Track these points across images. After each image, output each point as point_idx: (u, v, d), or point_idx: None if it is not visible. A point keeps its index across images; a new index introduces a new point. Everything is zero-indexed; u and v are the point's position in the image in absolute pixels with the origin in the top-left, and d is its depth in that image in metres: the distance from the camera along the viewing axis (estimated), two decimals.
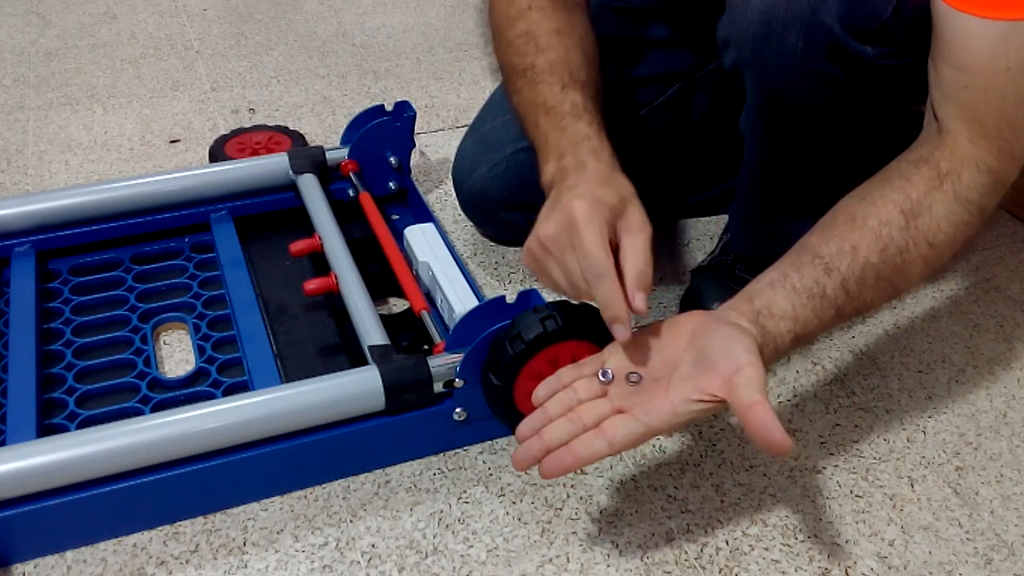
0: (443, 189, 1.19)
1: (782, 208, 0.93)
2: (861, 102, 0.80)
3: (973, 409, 0.91)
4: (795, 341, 0.67)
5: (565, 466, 0.64)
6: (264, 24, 1.65)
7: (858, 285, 0.68)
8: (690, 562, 0.75)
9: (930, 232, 0.68)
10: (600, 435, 0.64)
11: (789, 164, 0.88)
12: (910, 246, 0.68)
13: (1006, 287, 1.07)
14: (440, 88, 1.44)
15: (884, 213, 0.68)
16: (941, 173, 0.68)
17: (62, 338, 0.90)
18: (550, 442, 0.65)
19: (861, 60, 0.74)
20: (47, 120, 1.34)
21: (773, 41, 0.75)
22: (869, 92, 0.78)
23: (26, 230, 0.96)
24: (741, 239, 0.97)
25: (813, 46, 0.74)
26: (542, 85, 0.78)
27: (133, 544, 0.75)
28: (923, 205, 0.68)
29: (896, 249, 0.68)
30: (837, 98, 0.78)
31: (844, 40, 0.72)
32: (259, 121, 1.34)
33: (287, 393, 0.77)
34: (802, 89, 0.77)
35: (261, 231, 1.05)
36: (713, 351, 0.64)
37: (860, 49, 0.73)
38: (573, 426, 0.65)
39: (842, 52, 0.73)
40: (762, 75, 0.79)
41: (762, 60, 0.77)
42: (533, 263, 0.71)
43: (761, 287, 0.68)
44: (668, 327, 0.68)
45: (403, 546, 0.76)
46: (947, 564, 0.76)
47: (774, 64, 0.77)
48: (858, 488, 0.82)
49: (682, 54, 1.04)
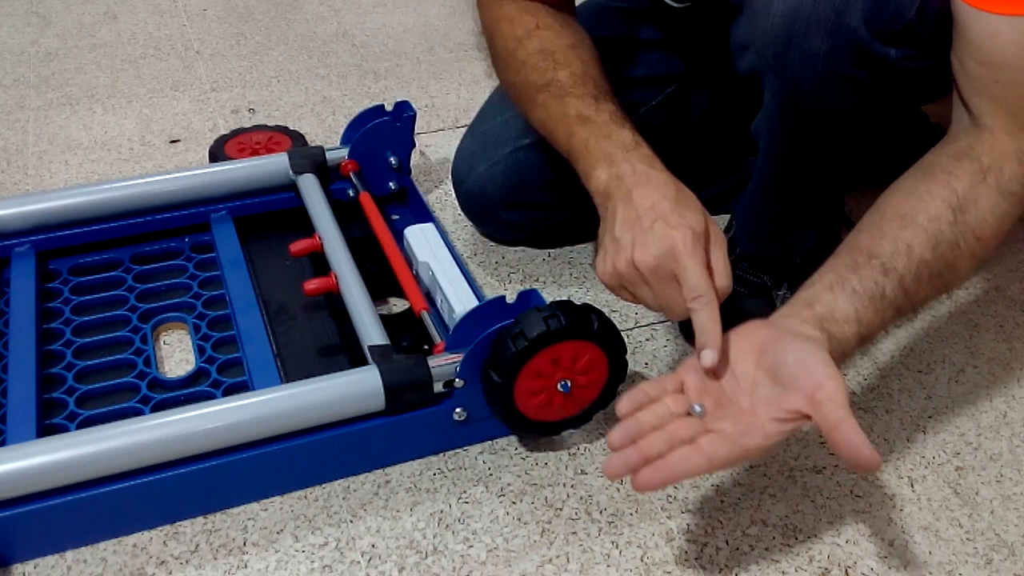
0: (443, 189, 1.19)
1: (794, 211, 0.93)
2: (879, 105, 0.80)
3: (973, 409, 0.91)
4: (860, 343, 0.67)
5: (663, 479, 0.62)
6: (264, 24, 1.65)
7: (915, 283, 0.68)
8: (690, 562, 0.75)
9: (977, 226, 0.68)
10: (698, 452, 0.63)
11: (805, 168, 0.88)
12: (959, 241, 0.68)
13: (1006, 287, 1.07)
14: (440, 88, 1.44)
15: (932, 208, 0.68)
16: (983, 167, 0.69)
17: (62, 338, 0.90)
18: (647, 453, 0.63)
19: (884, 63, 0.74)
20: (47, 120, 1.34)
21: (796, 43, 0.75)
22: (888, 95, 0.79)
23: (26, 230, 0.96)
24: (749, 240, 0.97)
25: (838, 48, 0.74)
26: (570, 98, 0.77)
27: (133, 544, 0.75)
28: (969, 200, 0.68)
29: (947, 245, 0.68)
30: (857, 101, 0.78)
31: (869, 42, 0.72)
32: (259, 121, 1.34)
33: (287, 393, 0.77)
34: (824, 92, 0.77)
35: (261, 231, 1.05)
36: (788, 366, 0.63)
37: (884, 51, 0.73)
38: (669, 439, 0.64)
39: (866, 54, 0.74)
40: (783, 78, 0.79)
41: (784, 63, 0.77)
42: (618, 284, 0.70)
43: (819, 291, 0.68)
44: (735, 341, 0.68)
45: (403, 546, 0.76)
46: (947, 564, 0.76)
47: (796, 67, 0.77)
48: (858, 488, 0.82)
49: (678, 55, 1.04)
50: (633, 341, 0.97)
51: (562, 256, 1.09)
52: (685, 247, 0.66)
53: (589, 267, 1.07)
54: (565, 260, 1.08)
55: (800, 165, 0.88)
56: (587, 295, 1.03)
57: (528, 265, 1.08)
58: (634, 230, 0.68)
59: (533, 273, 1.06)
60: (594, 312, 0.76)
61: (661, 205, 0.68)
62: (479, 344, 0.77)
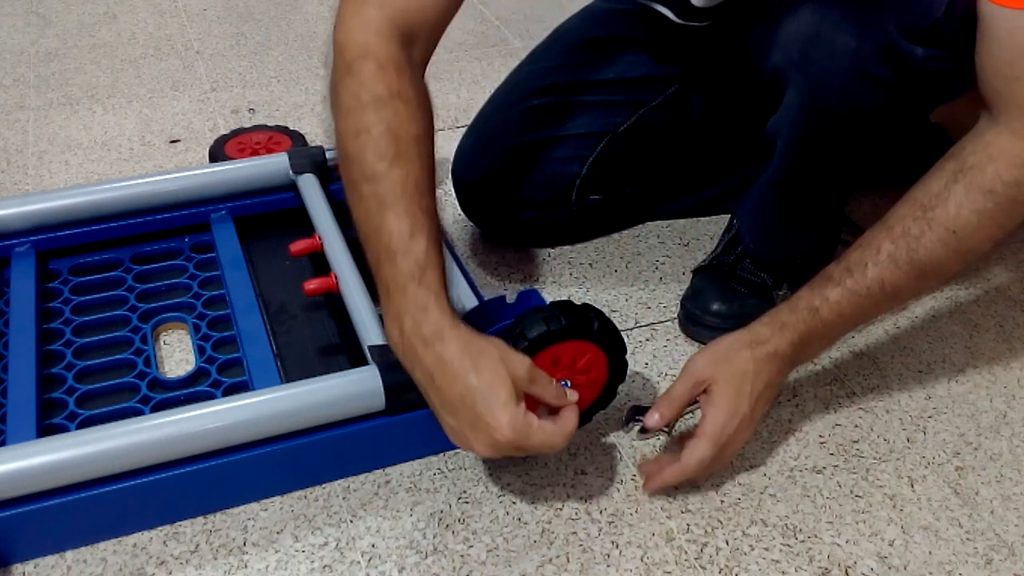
0: (443, 189, 1.19)
1: (804, 211, 0.94)
2: (901, 107, 0.81)
3: (973, 409, 0.91)
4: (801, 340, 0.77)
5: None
6: (264, 24, 1.65)
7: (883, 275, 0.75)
8: (690, 562, 0.75)
9: (948, 221, 0.72)
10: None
11: (821, 168, 0.88)
12: (924, 231, 0.73)
13: (1006, 287, 1.07)
14: (440, 88, 1.44)
15: (903, 208, 0.75)
16: (964, 167, 0.72)
17: (62, 338, 0.90)
18: None
19: (910, 62, 0.75)
20: (47, 120, 1.34)
21: (823, 40, 0.76)
22: (911, 96, 0.80)
23: (26, 230, 0.96)
24: (754, 239, 0.97)
25: (866, 45, 0.74)
26: (391, 215, 0.70)
27: (133, 544, 0.75)
28: (940, 197, 0.72)
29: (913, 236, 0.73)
30: (880, 100, 0.79)
31: (896, 40, 0.73)
32: (259, 121, 1.34)
33: (287, 393, 0.77)
34: (848, 91, 0.78)
35: (261, 231, 1.05)
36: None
37: (911, 50, 0.74)
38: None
39: (893, 53, 0.74)
40: (808, 75, 0.79)
41: (809, 60, 0.77)
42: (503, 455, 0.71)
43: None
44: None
45: (403, 546, 0.76)
46: (947, 564, 0.76)
47: (822, 64, 0.77)
48: (858, 488, 0.82)
49: (679, 56, 1.04)
50: (633, 341, 0.97)
51: (562, 256, 1.09)
52: (511, 438, 0.67)
53: (589, 267, 1.07)
54: (565, 260, 1.08)
55: (817, 166, 0.88)
56: (587, 295, 1.03)
57: (528, 265, 1.08)
58: (461, 423, 0.68)
59: (533, 273, 1.06)
60: (594, 312, 0.76)
61: (468, 398, 0.67)
62: None
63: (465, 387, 0.67)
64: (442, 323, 0.68)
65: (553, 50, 1.08)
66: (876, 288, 0.75)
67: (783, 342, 0.77)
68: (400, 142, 0.71)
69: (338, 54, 0.75)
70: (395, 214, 0.70)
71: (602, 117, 1.04)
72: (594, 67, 1.05)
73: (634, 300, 1.03)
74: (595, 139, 1.04)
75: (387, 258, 0.70)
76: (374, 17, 0.74)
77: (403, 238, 0.69)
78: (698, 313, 0.96)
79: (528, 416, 0.68)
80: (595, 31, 1.07)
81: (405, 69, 0.73)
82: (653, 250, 1.10)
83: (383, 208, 0.70)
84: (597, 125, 1.04)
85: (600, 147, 1.04)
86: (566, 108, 1.04)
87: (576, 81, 1.05)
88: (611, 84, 1.05)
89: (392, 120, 0.71)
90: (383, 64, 0.72)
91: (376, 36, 0.73)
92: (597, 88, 1.05)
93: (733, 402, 0.75)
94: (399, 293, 0.69)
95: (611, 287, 1.05)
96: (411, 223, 0.69)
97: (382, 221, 0.70)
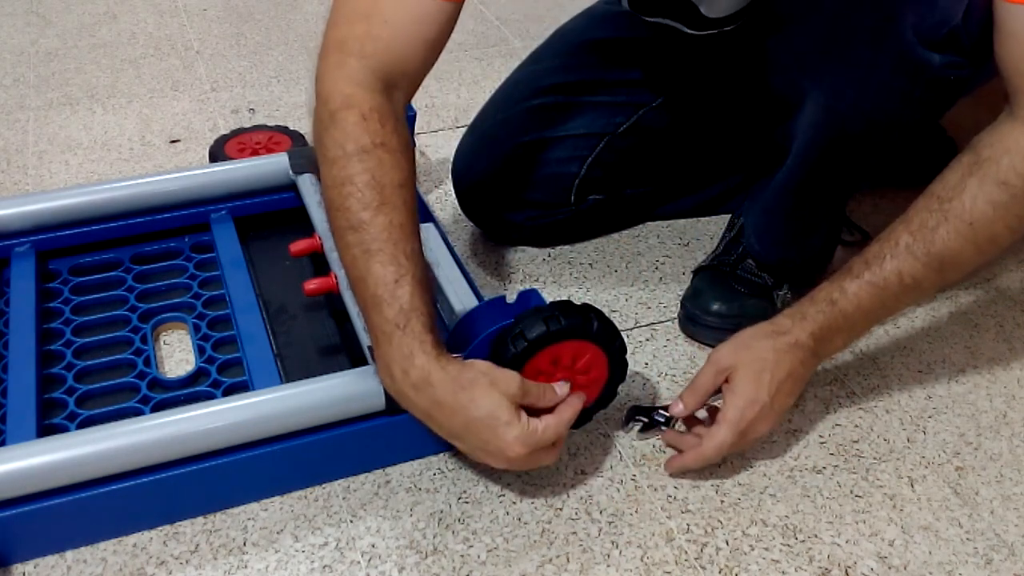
0: (443, 189, 1.19)
1: (813, 214, 0.94)
2: (917, 116, 0.81)
3: (973, 409, 0.91)
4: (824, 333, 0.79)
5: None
6: (264, 24, 1.65)
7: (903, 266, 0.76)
8: (690, 562, 0.75)
9: (964, 212, 0.73)
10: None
11: (833, 174, 0.88)
12: (940, 222, 0.74)
13: (1006, 287, 1.07)
14: (440, 88, 1.44)
15: (921, 202, 0.76)
16: (980, 159, 0.73)
17: (62, 338, 0.90)
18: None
19: (927, 69, 0.75)
20: (47, 120, 1.34)
21: (838, 50, 0.76)
22: (926, 106, 0.80)
23: (26, 230, 0.96)
24: (760, 240, 0.97)
25: (881, 56, 0.75)
26: (375, 263, 0.71)
27: (133, 544, 0.75)
28: (956, 189, 0.74)
29: (929, 228, 0.75)
30: (896, 110, 0.79)
31: (913, 46, 0.73)
32: (259, 121, 1.34)
33: (287, 393, 0.77)
34: (864, 97, 0.78)
35: (261, 231, 1.05)
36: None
37: (928, 58, 0.74)
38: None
39: (910, 62, 0.75)
40: (823, 86, 0.79)
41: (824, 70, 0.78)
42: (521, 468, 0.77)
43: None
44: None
45: (403, 546, 0.76)
46: (947, 564, 0.76)
47: (838, 75, 0.78)
48: (858, 488, 0.82)
49: (681, 57, 1.04)
50: (633, 341, 0.97)
51: (562, 256, 1.09)
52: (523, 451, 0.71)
53: (589, 267, 1.07)
54: (565, 260, 1.09)
55: (830, 173, 0.88)
56: (587, 295, 1.03)
57: (528, 265, 1.08)
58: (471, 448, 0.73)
59: (533, 273, 1.06)
60: (594, 312, 0.76)
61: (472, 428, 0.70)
62: (479, 344, 0.76)
63: (466, 420, 0.70)
64: (428, 367, 0.70)
65: (554, 50, 1.08)
66: (894, 279, 0.76)
67: (803, 332, 0.78)
68: (384, 190, 0.72)
69: (321, 104, 0.75)
70: (379, 262, 0.71)
71: (602, 117, 1.04)
72: (595, 68, 1.05)
73: (634, 300, 1.03)
74: (595, 139, 1.04)
75: (374, 306, 0.71)
76: (356, 68, 0.74)
77: (388, 285, 0.71)
78: (698, 313, 0.96)
79: (531, 423, 0.71)
80: (597, 32, 1.07)
81: (388, 118, 0.74)
82: (653, 250, 1.10)
83: (368, 256, 0.71)
84: (597, 125, 1.04)
85: (600, 147, 1.04)
86: (566, 108, 1.04)
87: (577, 81, 1.05)
88: (611, 85, 1.05)
89: (376, 170, 0.72)
90: (366, 115, 0.73)
91: (359, 87, 0.74)
92: (598, 88, 1.05)
93: (753, 389, 0.77)
94: (386, 342, 0.71)
95: (611, 287, 1.05)
96: (396, 270, 0.71)
97: (368, 269, 0.71)
